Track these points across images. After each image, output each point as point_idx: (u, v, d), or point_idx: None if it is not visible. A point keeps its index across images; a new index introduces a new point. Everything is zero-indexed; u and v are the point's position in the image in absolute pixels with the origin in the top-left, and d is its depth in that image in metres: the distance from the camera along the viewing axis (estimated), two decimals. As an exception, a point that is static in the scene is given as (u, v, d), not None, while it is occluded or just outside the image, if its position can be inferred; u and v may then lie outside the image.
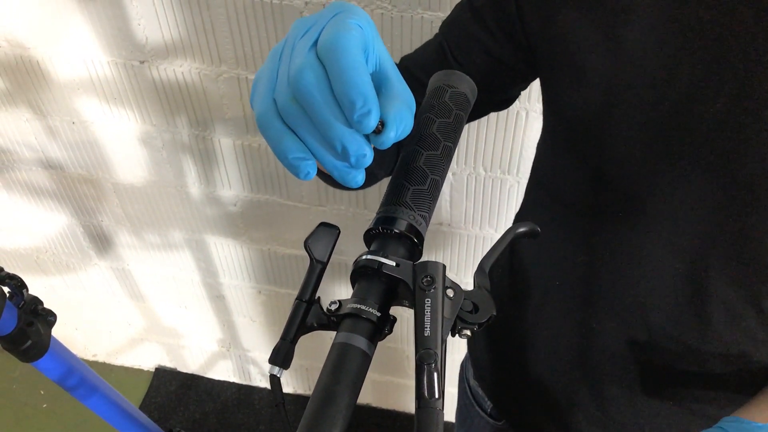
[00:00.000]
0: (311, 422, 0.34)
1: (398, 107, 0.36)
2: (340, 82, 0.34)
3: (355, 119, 0.34)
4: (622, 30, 0.52)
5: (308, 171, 0.36)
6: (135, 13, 1.18)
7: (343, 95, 0.34)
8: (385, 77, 0.38)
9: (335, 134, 0.35)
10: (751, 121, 0.49)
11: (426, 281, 0.37)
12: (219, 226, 1.60)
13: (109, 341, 2.16)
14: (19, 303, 0.92)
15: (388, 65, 0.38)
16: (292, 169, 0.36)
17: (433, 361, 0.34)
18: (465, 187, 1.32)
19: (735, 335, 0.57)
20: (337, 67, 0.34)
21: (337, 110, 0.35)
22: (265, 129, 0.37)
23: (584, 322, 0.66)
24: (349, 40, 0.35)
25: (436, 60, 0.66)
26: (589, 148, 0.58)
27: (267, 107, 0.37)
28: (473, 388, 0.92)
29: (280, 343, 0.40)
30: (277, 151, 0.36)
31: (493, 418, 0.88)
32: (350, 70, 0.34)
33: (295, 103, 0.36)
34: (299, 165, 0.36)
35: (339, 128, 0.35)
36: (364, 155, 0.35)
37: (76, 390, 1.09)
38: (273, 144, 0.37)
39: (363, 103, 0.34)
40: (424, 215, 0.42)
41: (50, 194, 1.64)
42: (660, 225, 0.56)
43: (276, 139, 0.36)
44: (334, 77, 0.34)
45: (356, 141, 0.35)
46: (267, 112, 0.37)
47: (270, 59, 0.39)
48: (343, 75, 0.34)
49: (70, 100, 1.38)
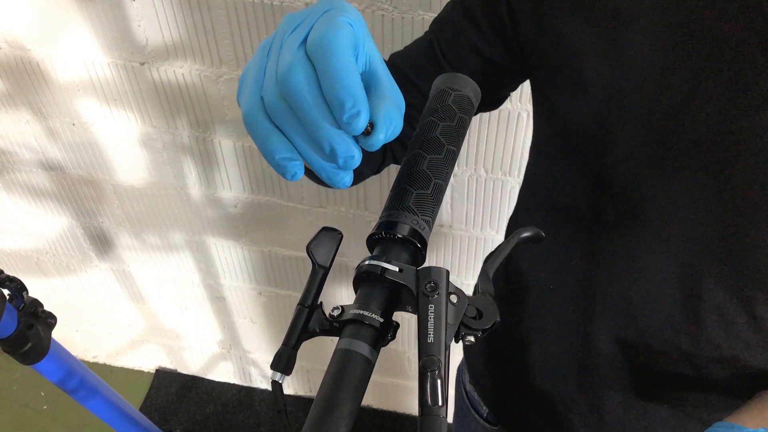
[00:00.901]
0: (313, 430, 0.33)
1: (388, 108, 0.35)
2: (330, 82, 0.33)
3: (344, 120, 0.33)
4: (621, 35, 0.52)
5: (295, 171, 0.36)
6: (135, 14, 1.17)
7: (332, 96, 0.33)
8: (375, 77, 0.37)
9: (323, 135, 0.34)
10: (744, 126, 0.49)
11: (429, 287, 0.37)
12: (219, 227, 1.60)
13: (110, 343, 2.16)
14: (19, 306, 0.92)
15: (377, 64, 0.38)
16: (278, 169, 0.36)
17: (436, 368, 0.34)
18: (466, 189, 1.32)
19: (728, 340, 0.57)
20: (327, 67, 0.34)
21: (326, 111, 0.34)
22: (251, 127, 0.36)
23: (580, 327, 0.66)
24: (339, 39, 0.34)
25: (425, 58, 0.66)
26: (585, 152, 0.58)
27: (254, 105, 0.36)
28: (469, 392, 0.91)
29: (282, 349, 0.39)
30: (264, 150, 0.36)
31: (489, 423, 0.88)
32: (340, 70, 0.33)
33: (282, 101, 0.35)
34: (286, 165, 0.35)
35: (327, 129, 0.34)
36: (352, 157, 0.35)
37: (76, 392, 1.09)
38: (259, 142, 0.36)
39: (353, 104, 0.33)
40: (427, 220, 0.41)
41: (50, 196, 1.64)
42: (655, 229, 0.56)
43: (263, 137, 0.36)
44: (323, 77, 0.34)
45: (345, 142, 0.34)
46: (254, 110, 0.36)
47: (258, 55, 0.38)
48: (333, 75, 0.33)
49: (70, 101, 1.37)
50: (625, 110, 0.53)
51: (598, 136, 0.56)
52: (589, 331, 0.65)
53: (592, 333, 0.65)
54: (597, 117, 0.55)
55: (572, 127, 0.58)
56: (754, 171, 0.49)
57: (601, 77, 0.54)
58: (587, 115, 0.56)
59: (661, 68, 0.51)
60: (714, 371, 0.60)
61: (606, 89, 0.54)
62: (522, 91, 1.12)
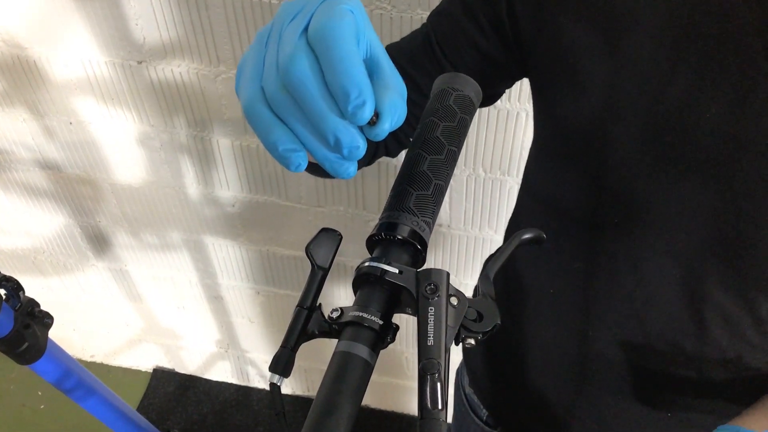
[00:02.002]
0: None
1: (392, 96, 0.35)
2: (334, 72, 0.33)
3: (350, 111, 0.33)
4: (622, 35, 0.52)
5: (299, 163, 0.35)
6: (132, 12, 1.17)
7: (337, 86, 0.33)
8: (377, 64, 0.37)
9: (328, 126, 0.34)
10: (747, 127, 0.48)
11: (429, 289, 0.36)
12: (217, 226, 1.60)
13: (107, 342, 2.15)
14: (15, 305, 0.92)
15: (379, 51, 0.37)
16: (282, 161, 0.35)
17: (436, 371, 0.34)
18: (465, 189, 1.31)
19: (731, 341, 0.57)
20: (331, 57, 0.33)
21: (330, 101, 0.34)
22: (252, 118, 0.36)
23: (580, 330, 0.66)
24: (342, 28, 0.34)
25: (422, 51, 0.65)
26: (586, 154, 0.57)
27: (254, 96, 0.36)
28: (468, 395, 0.91)
29: (281, 351, 0.39)
30: (266, 141, 0.35)
31: (488, 426, 0.88)
32: (344, 59, 0.33)
33: (284, 92, 0.34)
34: (290, 156, 0.35)
35: (332, 120, 0.33)
36: (357, 147, 0.34)
37: (74, 392, 1.09)
38: (262, 134, 0.36)
39: (358, 94, 0.33)
40: (427, 221, 0.41)
41: (47, 195, 1.64)
42: (657, 231, 0.56)
43: (265, 129, 0.35)
44: (327, 67, 0.33)
45: (350, 133, 0.34)
46: (255, 101, 0.35)
47: (256, 44, 0.38)
48: (337, 65, 0.33)
49: (67, 100, 1.37)
50: (625, 111, 0.53)
51: (598, 137, 0.55)
52: (589, 334, 0.65)
53: (592, 336, 0.65)
54: (597, 118, 0.55)
55: (572, 128, 0.58)
56: (757, 173, 0.49)
57: (601, 78, 0.53)
58: (587, 116, 0.55)
59: (663, 69, 0.50)
60: (717, 374, 0.60)
61: (606, 90, 0.53)
62: (521, 91, 1.12)
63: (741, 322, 0.55)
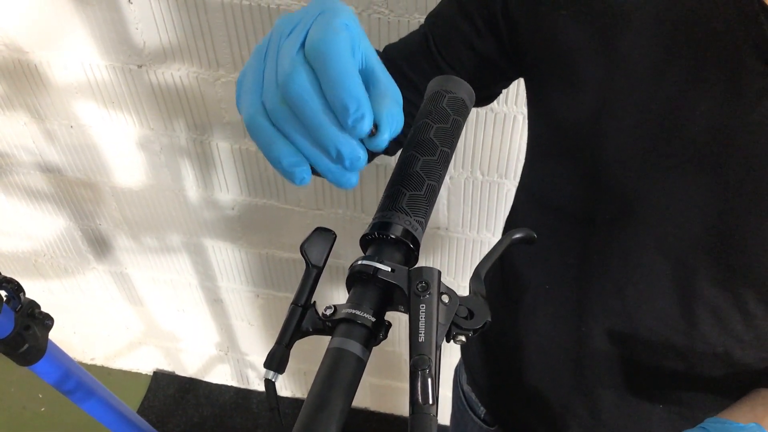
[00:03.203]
0: (304, 427, 0.33)
1: (389, 106, 0.36)
2: (332, 86, 0.34)
3: (349, 124, 0.34)
4: (615, 34, 0.52)
5: (303, 176, 0.36)
6: (133, 17, 1.18)
7: (336, 100, 0.34)
8: (373, 75, 0.37)
9: (329, 139, 0.34)
10: (737, 124, 0.49)
11: (421, 287, 0.37)
12: (217, 229, 1.60)
13: (107, 345, 2.16)
14: (16, 307, 0.92)
15: (374, 61, 0.38)
16: (287, 175, 0.36)
17: (427, 367, 0.34)
18: (462, 191, 1.32)
19: (722, 336, 0.58)
20: (329, 73, 0.34)
21: (330, 114, 0.34)
22: (254, 132, 0.37)
23: (575, 326, 0.67)
24: (338, 43, 0.35)
25: (419, 51, 0.66)
26: (579, 151, 0.58)
27: (256, 110, 0.36)
28: (466, 393, 0.92)
29: (275, 348, 0.39)
30: (270, 155, 0.36)
31: (486, 424, 0.88)
32: (342, 74, 0.34)
33: (285, 106, 0.35)
34: (294, 171, 0.36)
35: (333, 133, 0.34)
36: (358, 158, 0.35)
37: (74, 394, 1.09)
38: (265, 148, 0.36)
39: (357, 107, 0.33)
40: (420, 221, 0.42)
41: (48, 198, 1.64)
42: (650, 227, 0.57)
43: (268, 143, 0.36)
44: (325, 81, 0.34)
45: (350, 145, 0.35)
46: (256, 116, 0.36)
47: (254, 60, 0.38)
48: (335, 79, 0.34)
49: (68, 103, 1.38)
50: (619, 109, 0.54)
51: (592, 134, 0.56)
52: (584, 330, 0.66)
53: (587, 332, 0.66)
54: (591, 115, 0.56)
55: (566, 126, 0.59)
56: (747, 169, 0.50)
57: (595, 76, 0.54)
58: (581, 114, 0.56)
59: (655, 67, 0.51)
60: (708, 368, 0.61)
61: (600, 88, 0.54)
62: (518, 94, 1.13)
63: (730, 317, 0.56)
